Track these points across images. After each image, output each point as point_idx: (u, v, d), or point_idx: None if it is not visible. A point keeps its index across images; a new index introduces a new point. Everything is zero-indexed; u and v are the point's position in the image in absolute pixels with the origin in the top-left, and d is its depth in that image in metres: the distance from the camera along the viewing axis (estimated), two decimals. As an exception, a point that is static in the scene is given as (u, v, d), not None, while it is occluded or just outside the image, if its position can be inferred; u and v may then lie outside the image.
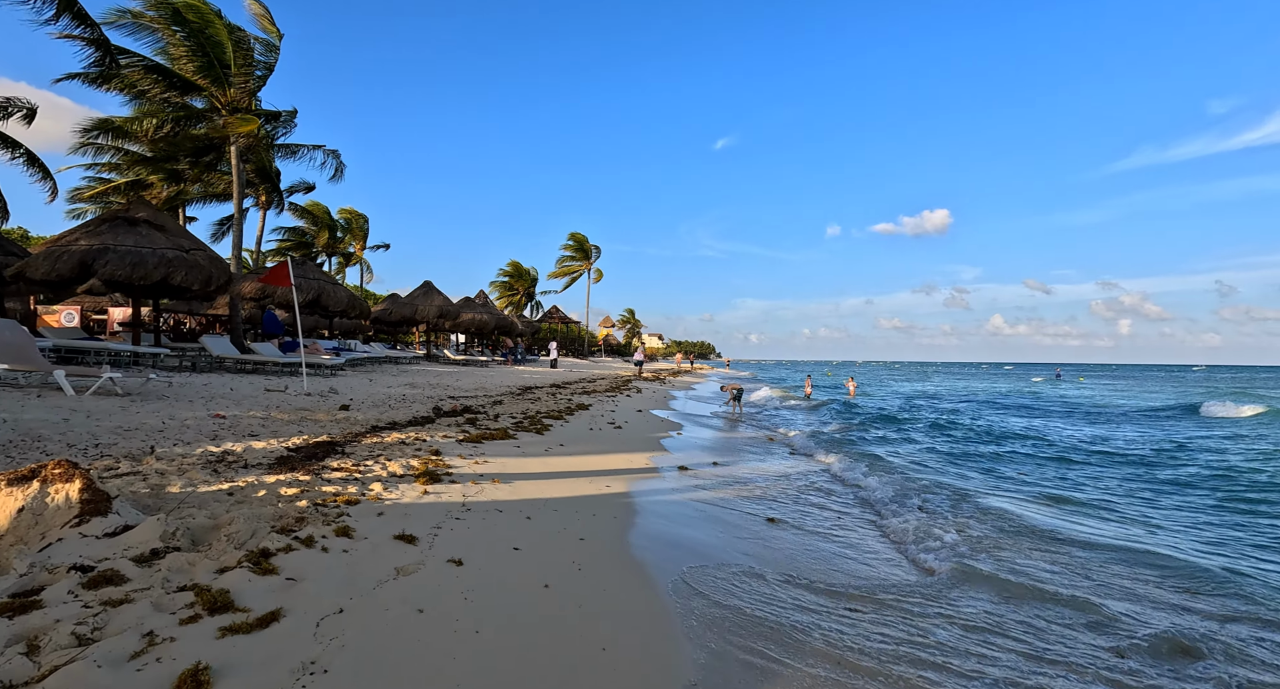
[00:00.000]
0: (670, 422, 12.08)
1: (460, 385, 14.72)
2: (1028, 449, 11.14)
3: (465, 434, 7.65)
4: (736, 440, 10.83)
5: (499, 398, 12.45)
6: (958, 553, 4.72)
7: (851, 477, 7.88)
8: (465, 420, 8.77)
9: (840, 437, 12.09)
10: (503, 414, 9.99)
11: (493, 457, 6.52)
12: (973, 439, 12.43)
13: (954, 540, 5.02)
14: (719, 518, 5.30)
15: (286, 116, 24.07)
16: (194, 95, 17.21)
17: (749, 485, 6.87)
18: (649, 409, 13.94)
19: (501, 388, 15.10)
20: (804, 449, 10.30)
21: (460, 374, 19.07)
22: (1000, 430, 13.94)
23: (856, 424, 14.38)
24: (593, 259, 59.51)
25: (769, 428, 13.31)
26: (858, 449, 10.42)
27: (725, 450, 9.42)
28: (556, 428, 9.24)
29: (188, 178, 21.68)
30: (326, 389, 10.42)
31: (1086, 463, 9.84)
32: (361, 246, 50.21)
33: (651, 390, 20.72)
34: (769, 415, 16.77)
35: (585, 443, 8.29)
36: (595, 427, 9.89)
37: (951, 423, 15.39)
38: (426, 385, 13.66)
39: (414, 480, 4.90)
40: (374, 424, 7.71)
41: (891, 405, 21.82)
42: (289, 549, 2.98)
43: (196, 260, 11.87)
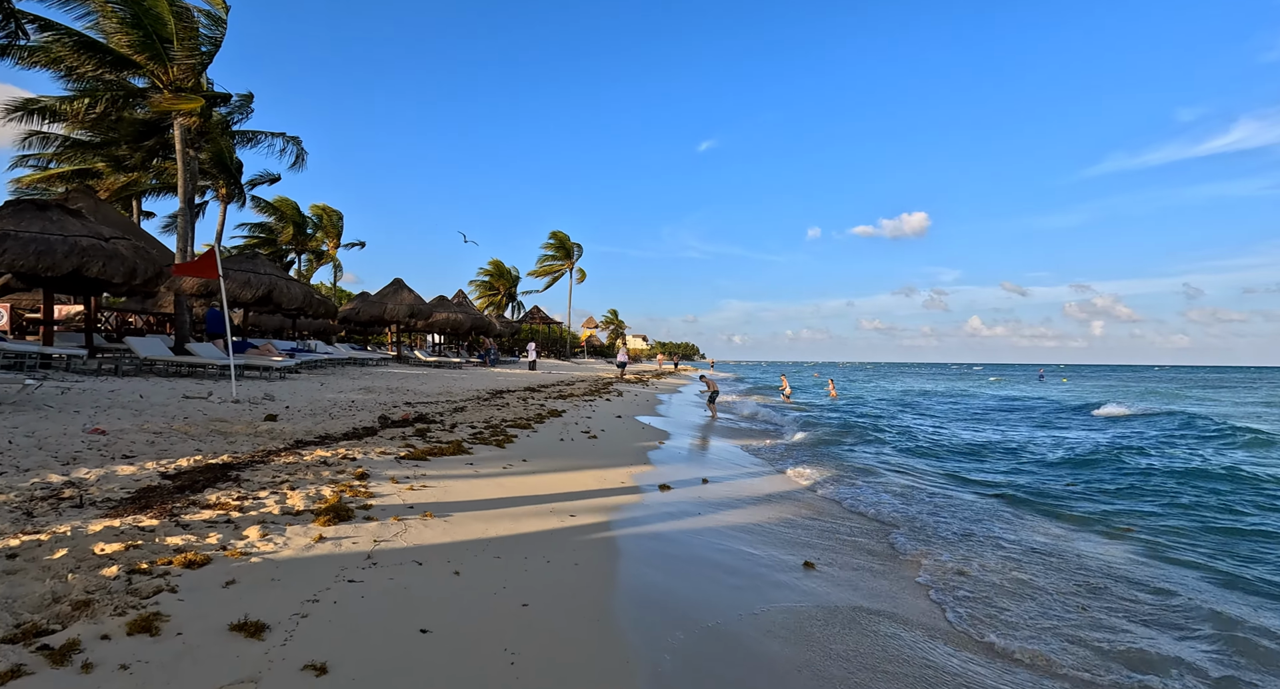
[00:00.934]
0: (652, 429, 10.99)
1: (424, 389, 13.48)
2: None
3: (409, 449, 6.48)
4: (726, 450, 9.77)
5: (462, 404, 11.25)
6: (1031, 627, 3.69)
7: (861, 497, 6.85)
8: (414, 432, 7.58)
9: (834, 445, 11.10)
10: (462, 423, 8.81)
11: (435, 479, 5.36)
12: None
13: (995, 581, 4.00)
14: (722, 563, 4.20)
15: (242, 101, 22.59)
16: (131, 73, 15.74)
17: (748, 509, 5.79)
18: (630, 414, 12.84)
19: (469, 392, 13.89)
20: (803, 460, 9.27)
21: (428, 377, 17.79)
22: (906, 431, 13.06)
23: (843, 429, 13.43)
24: (575, 258, 58.28)
25: (758, 434, 12.28)
26: (853, 459, 9.42)
27: (715, 463, 8.35)
28: (521, 439, 8.08)
29: (132, 166, 20.08)
30: (261, 396, 9.15)
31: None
32: (335, 244, 48.37)
33: (633, 393, 19.61)
34: (754, 418, 15.76)
35: (553, 457, 7.16)
36: (567, 436, 8.76)
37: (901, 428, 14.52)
38: (385, 390, 12.40)
39: (312, 520, 3.74)
40: (299, 438, 6.49)
41: (875, 409, 21.00)
42: (15, 674, 1.81)
43: (117, 250, 10.51)
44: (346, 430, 7.24)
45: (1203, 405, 23.96)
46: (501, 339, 46.72)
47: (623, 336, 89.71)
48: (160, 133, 17.93)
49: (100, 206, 20.04)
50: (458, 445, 6.93)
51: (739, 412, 18.19)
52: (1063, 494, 7.43)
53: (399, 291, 25.83)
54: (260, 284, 14.56)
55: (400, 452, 6.29)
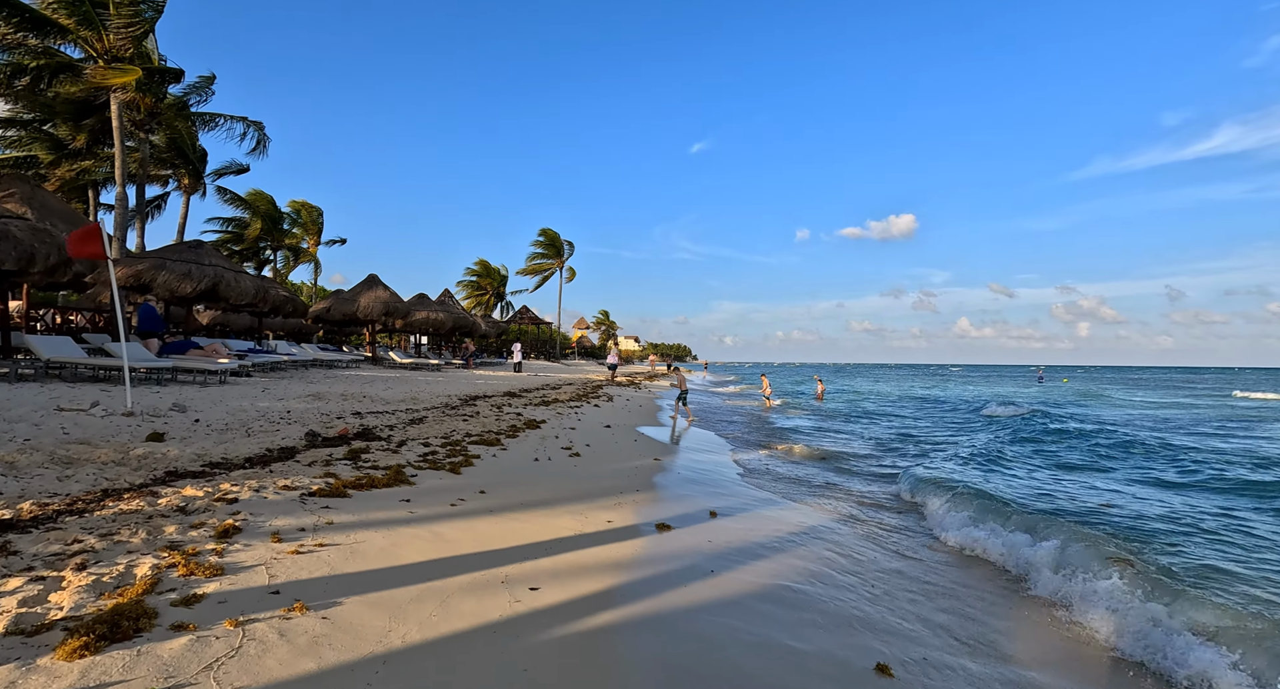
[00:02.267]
0: (646, 441, 9.46)
1: (386, 395, 11.88)
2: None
3: (329, 480, 4.92)
4: (728, 467, 8.25)
5: (423, 414, 9.68)
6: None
7: (907, 530, 5.37)
8: (346, 454, 6.01)
9: (843, 461, 9.63)
10: (414, 440, 7.24)
11: (345, 530, 3.82)
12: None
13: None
14: (757, 674, 2.67)
15: (202, 82, 20.89)
16: (60, 40, 14.04)
17: (774, 561, 4.27)
18: (621, 423, 11.31)
19: (438, 399, 12.30)
20: (816, 479, 7.77)
21: (398, 381, 16.15)
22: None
23: (839, 430, 11.96)
24: (565, 256, 56.65)
25: (762, 444, 10.75)
26: (864, 468, 7.94)
27: (718, 485, 6.82)
28: (485, 460, 6.53)
29: (75, 150, 18.29)
30: (169, 406, 7.52)
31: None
32: (315, 241, 46.58)
33: (624, 398, 18.07)
34: (753, 424, 14.26)
35: (522, 486, 5.63)
36: (544, 454, 7.22)
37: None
38: (338, 396, 10.79)
39: (57, 645, 2.17)
40: (177, 468, 4.90)
41: (868, 410, 19.60)
42: None
43: (9, 230, 8.84)
44: (255, 453, 5.65)
45: (1089, 407, 24.37)
46: (488, 340, 45.07)
47: (614, 337, 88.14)
48: (101, 111, 16.19)
49: (37, 193, 18.23)
50: (396, 473, 5.37)
51: (736, 416, 16.71)
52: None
53: (372, 288, 24.13)
54: (203, 276, 12.89)
55: (314, 485, 4.73)
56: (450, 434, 7.84)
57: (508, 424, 9.22)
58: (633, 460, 7.75)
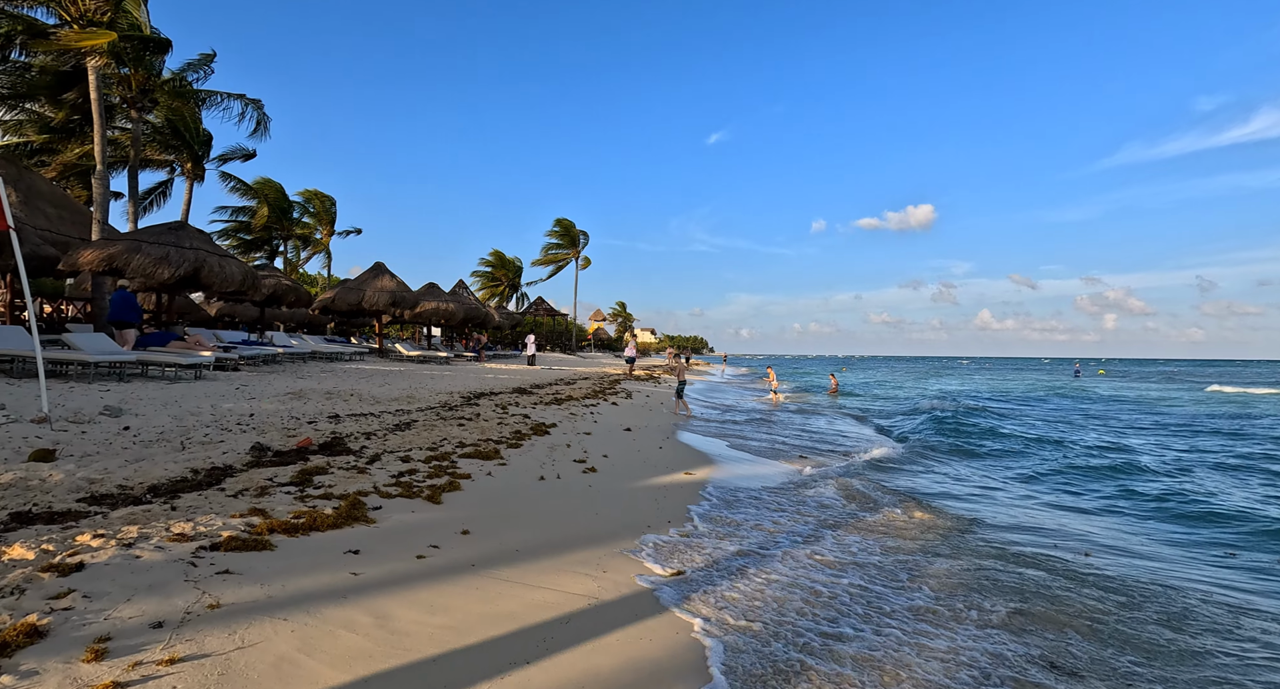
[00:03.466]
0: (675, 446, 8.02)
1: (379, 393, 10.59)
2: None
3: (252, 521, 3.58)
4: (791, 484, 6.77)
5: (414, 416, 8.34)
6: None
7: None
8: (295, 476, 4.66)
9: (928, 458, 8.09)
10: (393, 451, 5.89)
11: (233, 617, 2.45)
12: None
13: None
14: None
15: (201, 60, 19.74)
16: (33, 3, 12.89)
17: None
18: (643, 425, 9.89)
19: (438, 396, 10.99)
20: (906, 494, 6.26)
21: (399, 376, 14.91)
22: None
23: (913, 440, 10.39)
24: (580, 246, 55.29)
25: (823, 451, 9.22)
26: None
27: (784, 512, 5.36)
28: (477, 481, 5.16)
29: (58, 126, 17.25)
30: (100, 409, 6.27)
31: None
32: (329, 231, 45.79)
33: (645, 394, 16.65)
34: (803, 427, 12.70)
35: (519, 520, 4.25)
36: (552, 471, 5.83)
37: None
38: (322, 395, 9.51)
39: None
40: (28, 508, 3.57)
41: (918, 407, 17.90)
42: None
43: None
44: (171, 478, 4.33)
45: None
46: (501, 332, 43.97)
47: (631, 329, 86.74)
48: (81, 82, 15.06)
49: (25, 176, 17.27)
50: (352, 506, 4.01)
51: (784, 416, 15.16)
52: None
53: (379, 277, 22.95)
54: (183, 261, 11.70)
55: (225, 531, 3.38)
56: (439, 444, 6.47)
57: (511, 429, 7.84)
58: (660, 476, 6.33)
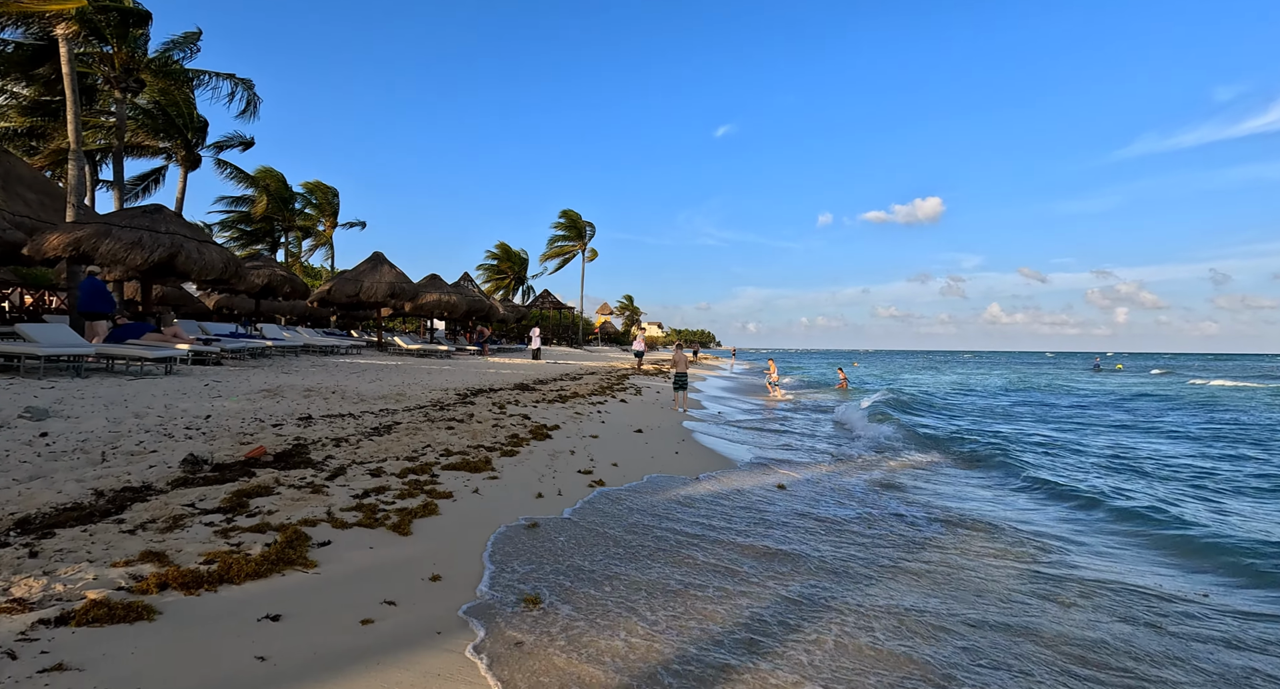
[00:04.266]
0: (695, 449, 7.04)
1: (368, 390, 9.68)
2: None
3: (142, 570, 2.64)
4: (781, 503, 5.77)
5: (399, 417, 7.40)
6: None
7: None
8: (232, 496, 3.71)
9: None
10: (363, 462, 4.93)
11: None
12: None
13: None
14: None
15: (185, 38, 18.84)
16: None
17: None
18: (656, 425, 8.91)
19: (431, 393, 10.06)
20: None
21: (394, 371, 14.00)
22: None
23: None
24: (587, 238, 54.28)
25: (876, 456, 8.20)
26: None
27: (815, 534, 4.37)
28: (460, 501, 4.21)
29: (33, 105, 16.38)
30: (20, 411, 5.35)
31: None
32: (332, 223, 45.08)
33: (655, 390, 15.68)
34: (847, 430, 11.66)
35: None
36: (550, 487, 4.87)
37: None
38: (300, 392, 8.60)
39: None
40: None
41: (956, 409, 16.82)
42: None
43: None
44: (58, 505, 3.38)
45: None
46: (507, 325, 43.11)
47: (638, 323, 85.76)
48: (55, 56, 14.16)
49: (4, 159, 16.47)
50: (289, 542, 3.08)
51: (814, 417, 14.13)
52: None
53: (377, 268, 22.05)
54: (157, 246, 10.79)
55: (90, 592, 2.43)
56: (421, 452, 5.52)
57: (508, 433, 6.88)
58: (683, 487, 5.35)
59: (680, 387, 12.12)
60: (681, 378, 12.23)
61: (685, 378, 12.34)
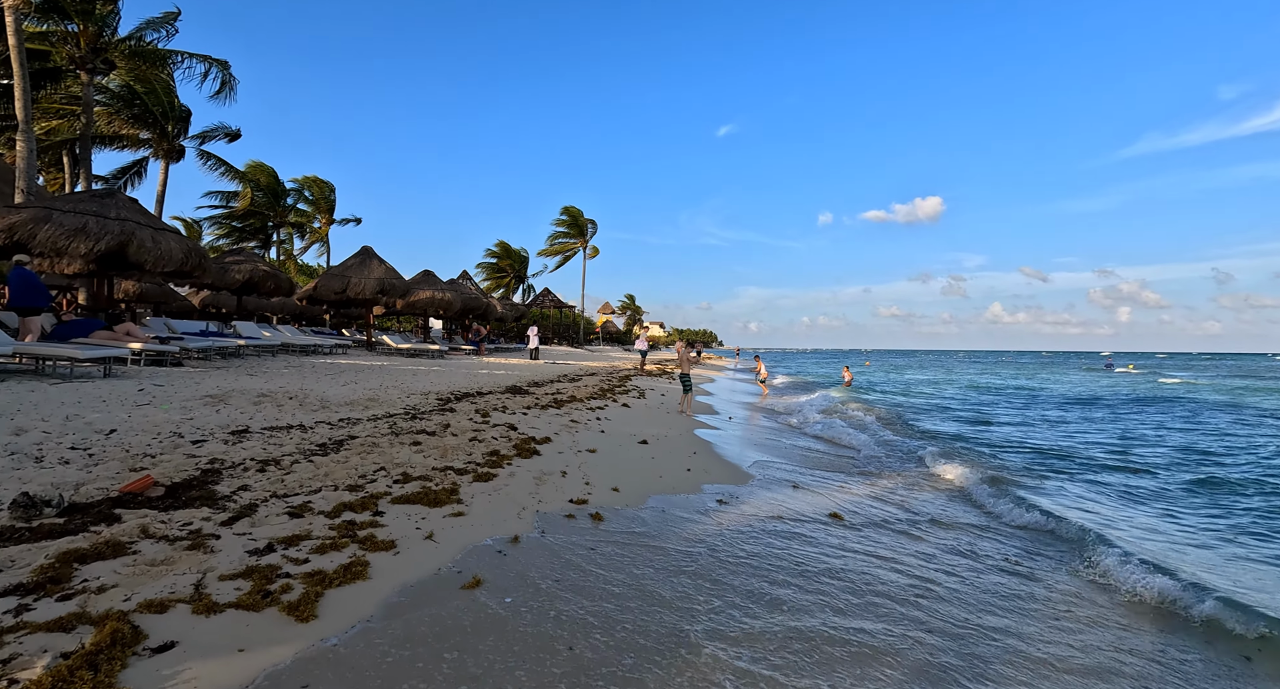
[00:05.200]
0: (716, 466, 5.86)
1: (339, 395, 8.51)
2: None
3: None
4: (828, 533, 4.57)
5: (360, 429, 6.22)
6: None
7: None
8: (55, 562, 2.54)
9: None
10: (288, 495, 3.76)
11: None
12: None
13: None
14: None
15: (162, 18, 17.70)
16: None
17: None
18: (662, 433, 7.72)
19: (409, 398, 8.89)
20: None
21: (375, 372, 12.84)
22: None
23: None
24: (588, 236, 53.10)
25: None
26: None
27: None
28: (404, 552, 3.02)
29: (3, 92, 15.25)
30: None
31: None
32: (327, 220, 43.97)
33: (660, 393, 14.50)
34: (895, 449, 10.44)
35: (463, 671, 2.09)
36: (530, 527, 3.68)
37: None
38: (252, 398, 7.42)
39: None
40: None
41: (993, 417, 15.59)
42: None
43: None
44: None
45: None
46: (505, 324, 41.97)
47: (641, 322, 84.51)
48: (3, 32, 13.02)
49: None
50: (89, 659, 1.88)
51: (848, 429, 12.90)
52: None
53: (365, 263, 20.89)
54: (105, 233, 9.64)
55: None
56: (370, 478, 4.34)
57: (487, 449, 5.70)
58: (709, 520, 4.16)
59: (687, 388, 11.35)
60: (686, 379, 11.44)
61: (690, 379, 11.52)
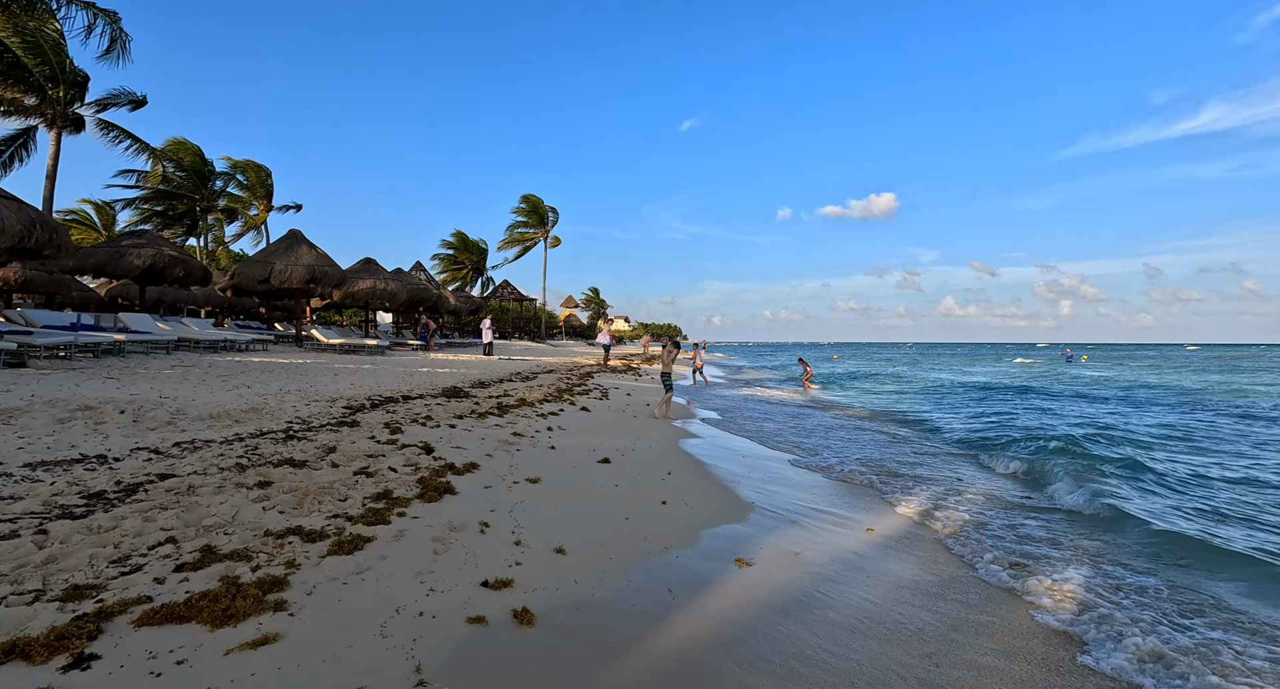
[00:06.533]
0: (704, 492, 4.24)
1: (214, 403, 6.55)
2: None
3: None
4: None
5: (189, 463, 4.37)
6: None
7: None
8: None
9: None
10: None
11: None
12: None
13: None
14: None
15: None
16: None
17: None
18: (629, 445, 6.07)
19: (309, 406, 6.99)
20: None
21: (285, 373, 10.78)
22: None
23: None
24: (549, 225, 50.86)
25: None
26: None
27: None
28: None
29: None
30: None
31: None
32: (266, 206, 40.57)
33: (625, 392, 12.86)
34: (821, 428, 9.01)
35: None
36: (403, 655, 1.97)
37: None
38: (67, 410, 5.44)
39: None
40: None
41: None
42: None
43: None
44: None
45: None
46: (460, 317, 39.58)
47: (605, 316, 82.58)
48: None
49: None
50: None
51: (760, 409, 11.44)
52: None
53: (292, 248, 18.48)
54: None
55: None
56: (127, 566, 2.55)
57: (376, 487, 3.94)
58: (714, 604, 2.49)
59: (668, 388, 9.82)
60: (667, 378, 9.91)
61: (670, 378, 10.00)
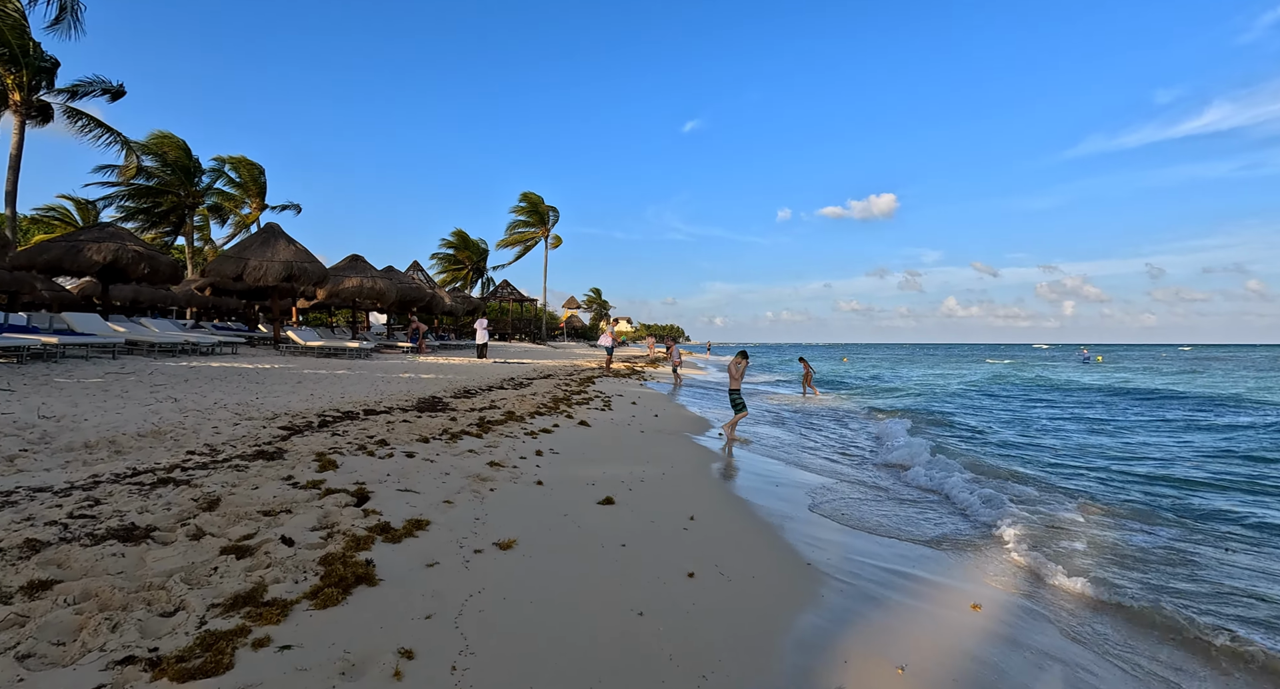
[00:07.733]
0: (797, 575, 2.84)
1: (107, 426, 5.17)
2: None
3: None
4: None
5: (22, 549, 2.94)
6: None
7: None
8: None
9: None
10: None
11: None
12: None
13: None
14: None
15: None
16: None
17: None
18: (639, 473, 4.67)
19: (234, 427, 5.59)
20: None
21: (242, 381, 9.38)
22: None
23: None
24: (550, 224, 49.50)
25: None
26: None
27: None
28: None
29: None
30: None
31: None
32: (259, 205, 39.23)
33: (629, 401, 11.44)
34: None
35: None
36: None
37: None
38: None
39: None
40: None
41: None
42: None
43: None
44: None
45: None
46: (456, 318, 38.16)
47: (607, 317, 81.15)
48: None
49: None
50: None
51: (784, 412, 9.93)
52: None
53: (269, 243, 17.11)
54: None
55: None
56: None
57: (235, 587, 2.52)
58: None
59: (738, 408, 7.91)
60: (736, 395, 7.96)
61: (740, 395, 7.98)
